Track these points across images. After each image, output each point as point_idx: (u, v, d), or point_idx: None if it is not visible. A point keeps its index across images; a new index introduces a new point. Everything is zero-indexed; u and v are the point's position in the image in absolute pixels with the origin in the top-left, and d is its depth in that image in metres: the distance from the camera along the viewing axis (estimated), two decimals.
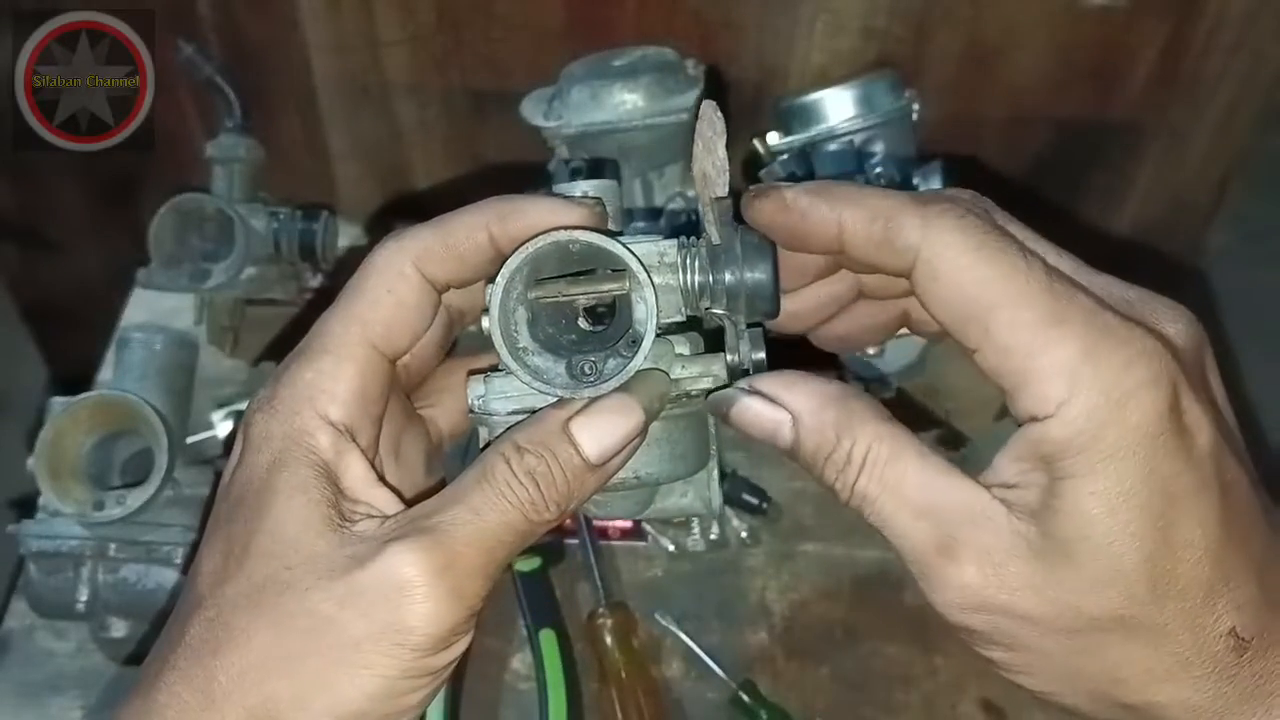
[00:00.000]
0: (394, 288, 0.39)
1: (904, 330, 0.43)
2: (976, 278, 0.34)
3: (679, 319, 0.42)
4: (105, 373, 0.77)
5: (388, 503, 0.39)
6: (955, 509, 0.35)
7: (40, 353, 1.20)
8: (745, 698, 0.66)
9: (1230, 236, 0.99)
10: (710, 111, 0.41)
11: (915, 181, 0.74)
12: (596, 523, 0.74)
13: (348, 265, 0.88)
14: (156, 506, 0.65)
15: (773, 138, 0.74)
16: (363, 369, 0.39)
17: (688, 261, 0.41)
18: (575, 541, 0.73)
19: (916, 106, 0.75)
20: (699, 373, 0.42)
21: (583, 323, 0.42)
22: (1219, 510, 0.32)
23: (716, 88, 0.72)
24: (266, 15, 0.84)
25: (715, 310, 0.41)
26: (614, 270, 0.40)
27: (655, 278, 0.40)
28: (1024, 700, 0.67)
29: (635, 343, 0.39)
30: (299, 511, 0.37)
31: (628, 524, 0.75)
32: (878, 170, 0.73)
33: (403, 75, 0.84)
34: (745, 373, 0.41)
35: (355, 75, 0.85)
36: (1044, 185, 0.91)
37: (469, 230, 0.40)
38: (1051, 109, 0.85)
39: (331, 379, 0.38)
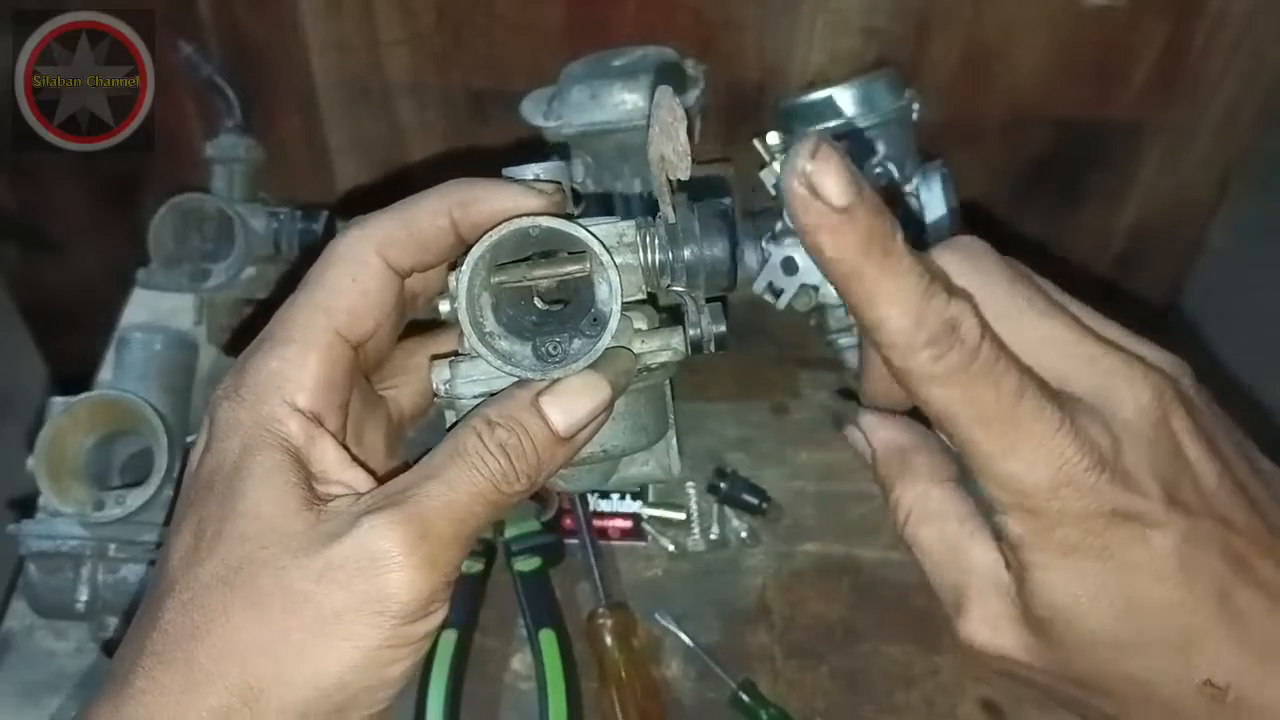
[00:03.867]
0: (357, 276, 0.40)
1: None
2: (946, 401, 0.36)
3: (640, 297, 0.43)
4: (105, 373, 0.77)
5: (360, 482, 0.39)
6: (971, 571, 0.39)
7: (40, 353, 1.20)
8: (745, 697, 0.66)
9: (1230, 236, 0.99)
10: (668, 99, 0.43)
11: (915, 181, 0.74)
12: (596, 522, 0.74)
13: None
14: (156, 506, 0.65)
15: (772, 138, 0.74)
16: (328, 357, 0.39)
17: (647, 241, 0.42)
18: (575, 541, 0.73)
19: (916, 106, 0.75)
20: (658, 346, 0.44)
21: (539, 303, 0.43)
22: (1177, 573, 0.34)
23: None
24: (267, 15, 0.84)
25: (675, 288, 0.43)
26: (573, 252, 0.41)
27: (616, 258, 0.41)
28: (1024, 700, 0.67)
29: (598, 322, 0.40)
30: (273, 493, 0.37)
31: (628, 524, 0.75)
32: (877, 170, 0.73)
33: (403, 75, 0.84)
34: (706, 347, 0.44)
35: (355, 75, 0.85)
36: (1044, 185, 0.91)
37: (431, 217, 0.41)
38: (1051, 109, 0.85)
39: (298, 367, 0.39)
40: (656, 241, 0.42)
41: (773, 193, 0.80)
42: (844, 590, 0.72)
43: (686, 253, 0.42)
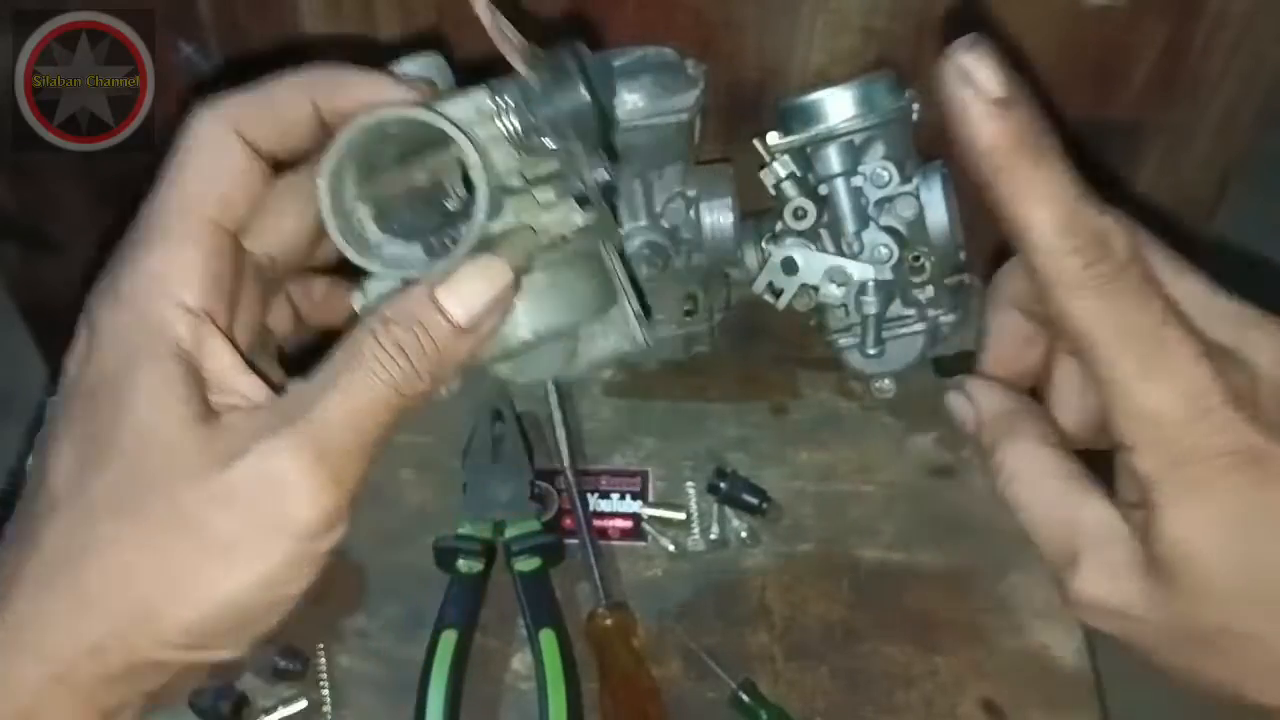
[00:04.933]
0: (219, 156, 0.38)
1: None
2: (1090, 313, 0.35)
3: (545, 171, 0.41)
4: None
5: (254, 389, 0.38)
6: (1083, 525, 0.38)
7: (40, 353, 1.20)
8: (745, 697, 0.66)
9: (1230, 236, 0.99)
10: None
11: (915, 181, 0.74)
12: (596, 522, 0.74)
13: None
14: None
15: (772, 138, 0.74)
16: (209, 248, 0.38)
17: (500, 105, 0.41)
18: (575, 541, 0.73)
19: (916, 107, 0.74)
20: (563, 217, 0.42)
21: (451, 204, 0.41)
22: None
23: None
24: (267, 15, 0.84)
25: (551, 144, 0.41)
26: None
27: (480, 131, 0.40)
28: (1025, 700, 0.67)
29: (467, 210, 0.39)
30: (163, 408, 0.36)
31: (628, 524, 0.75)
32: (876, 170, 0.73)
33: None
34: (593, 198, 0.42)
35: None
36: None
37: (290, 95, 0.39)
38: (1051, 109, 0.85)
39: (180, 264, 0.37)
40: (510, 103, 0.40)
41: (772, 193, 0.80)
42: (844, 590, 0.72)
43: (544, 109, 0.40)
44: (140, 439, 0.36)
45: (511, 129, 0.41)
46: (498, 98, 0.41)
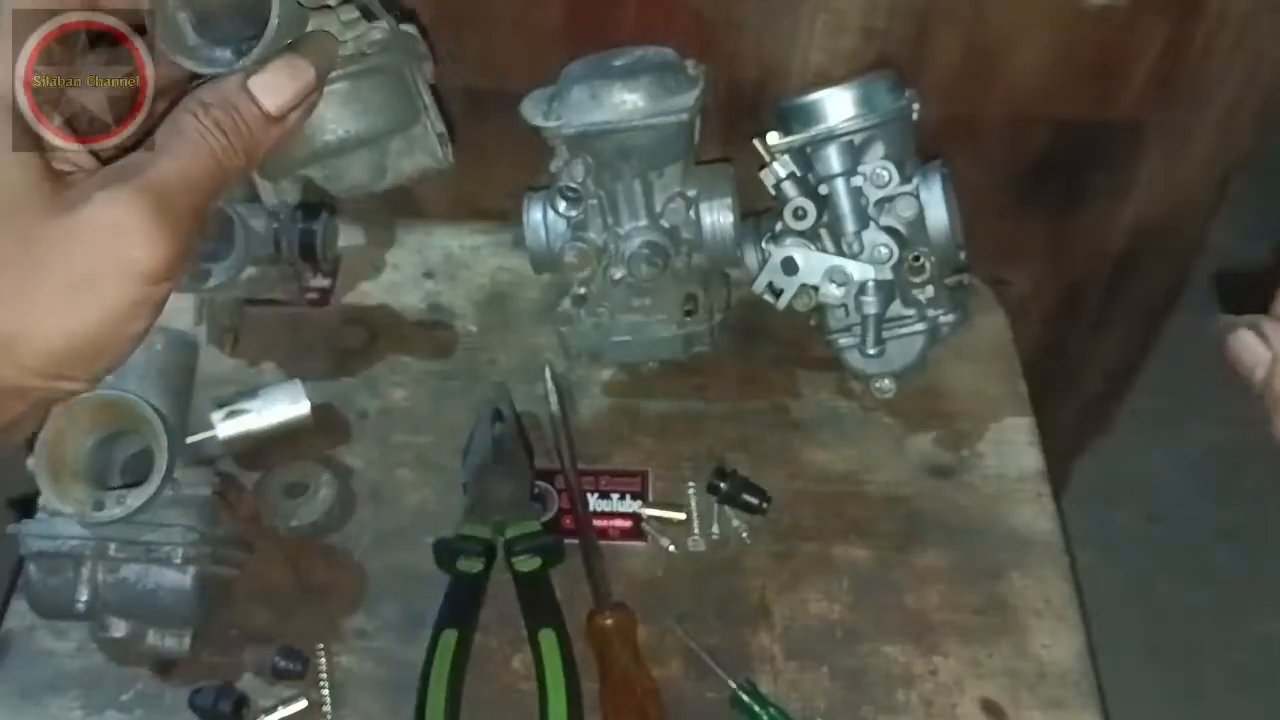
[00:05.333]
0: None
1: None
2: None
3: None
4: None
5: (85, 160, 0.43)
6: None
7: None
8: (745, 697, 0.66)
9: (1230, 236, 1.00)
10: None
11: (915, 181, 0.74)
12: (596, 522, 0.74)
13: (348, 265, 0.89)
14: (156, 506, 0.65)
15: (772, 138, 0.74)
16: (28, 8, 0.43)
17: None
18: (575, 541, 0.73)
19: (916, 106, 0.75)
20: (364, 30, 0.50)
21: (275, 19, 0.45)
22: None
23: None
24: None
25: None
26: None
27: None
28: (1024, 700, 0.67)
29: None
30: (11, 158, 0.40)
31: (628, 524, 0.75)
32: (876, 170, 0.73)
33: None
34: (372, 9, 0.50)
35: None
36: (1044, 185, 0.91)
37: None
38: (1052, 109, 0.85)
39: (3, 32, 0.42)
40: None
41: (772, 193, 0.80)
42: (844, 590, 0.72)
43: None
44: None
45: None
46: None
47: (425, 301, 0.88)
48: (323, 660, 0.68)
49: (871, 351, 0.76)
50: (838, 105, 0.72)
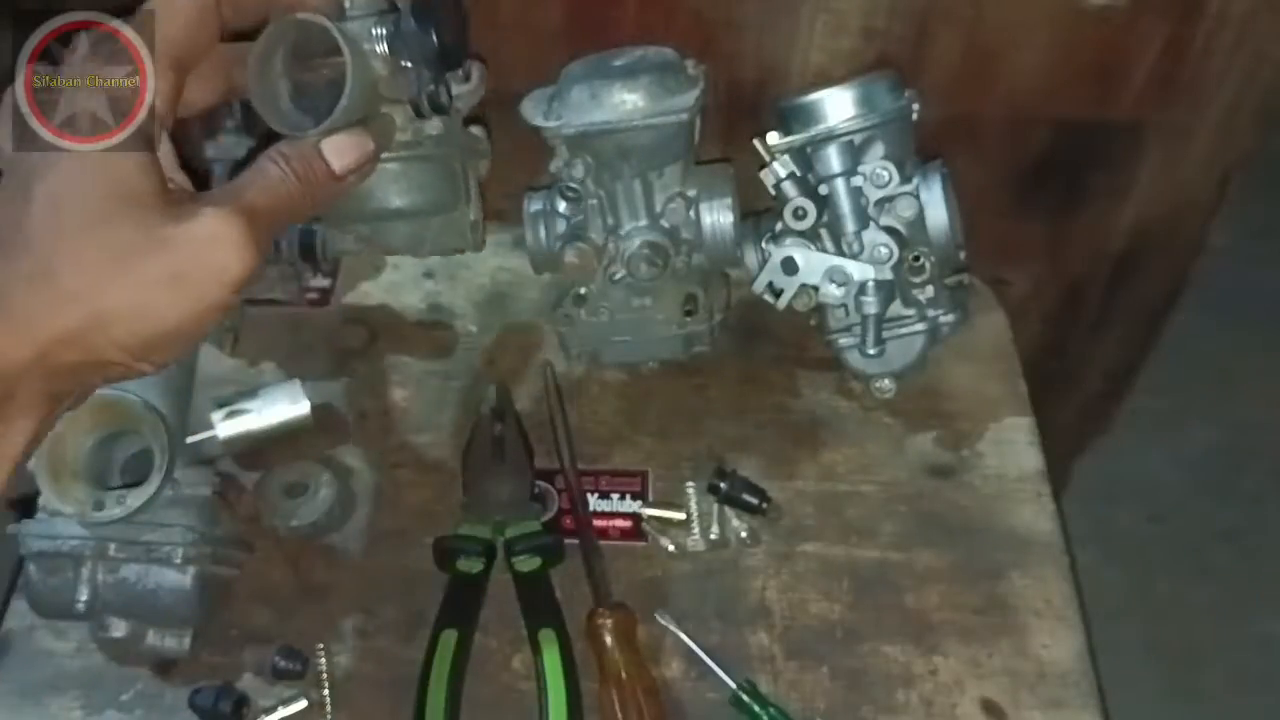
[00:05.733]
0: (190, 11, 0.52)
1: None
2: None
3: (432, 84, 0.59)
4: None
5: (188, 183, 0.52)
6: None
7: None
8: (745, 697, 0.66)
9: (1231, 236, 1.00)
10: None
11: (915, 182, 0.74)
12: (596, 522, 0.74)
13: (348, 267, 0.89)
14: (156, 506, 0.65)
15: (772, 138, 0.74)
16: (173, 71, 0.51)
17: (378, 31, 0.57)
18: (575, 541, 0.73)
19: (916, 106, 0.75)
20: (422, 123, 0.61)
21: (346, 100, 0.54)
22: None
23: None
24: None
25: (408, 65, 0.58)
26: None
27: (366, 46, 0.56)
28: (1024, 700, 0.67)
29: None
30: (140, 167, 0.48)
31: (628, 524, 0.75)
32: (876, 170, 0.73)
33: None
34: (423, 107, 0.59)
35: None
36: (1044, 186, 0.91)
37: None
38: (1052, 109, 0.85)
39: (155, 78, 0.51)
40: (384, 32, 0.57)
41: (772, 193, 0.80)
42: (844, 590, 0.72)
43: (404, 41, 0.57)
44: (119, 184, 0.47)
45: (382, 48, 0.57)
46: (377, 26, 0.57)
47: (425, 301, 0.88)
48: (323, 660, 0.68)
49: (871, 351, 0.76)
50: (838, 105, 0.72)
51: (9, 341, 0.45)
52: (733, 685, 0.66)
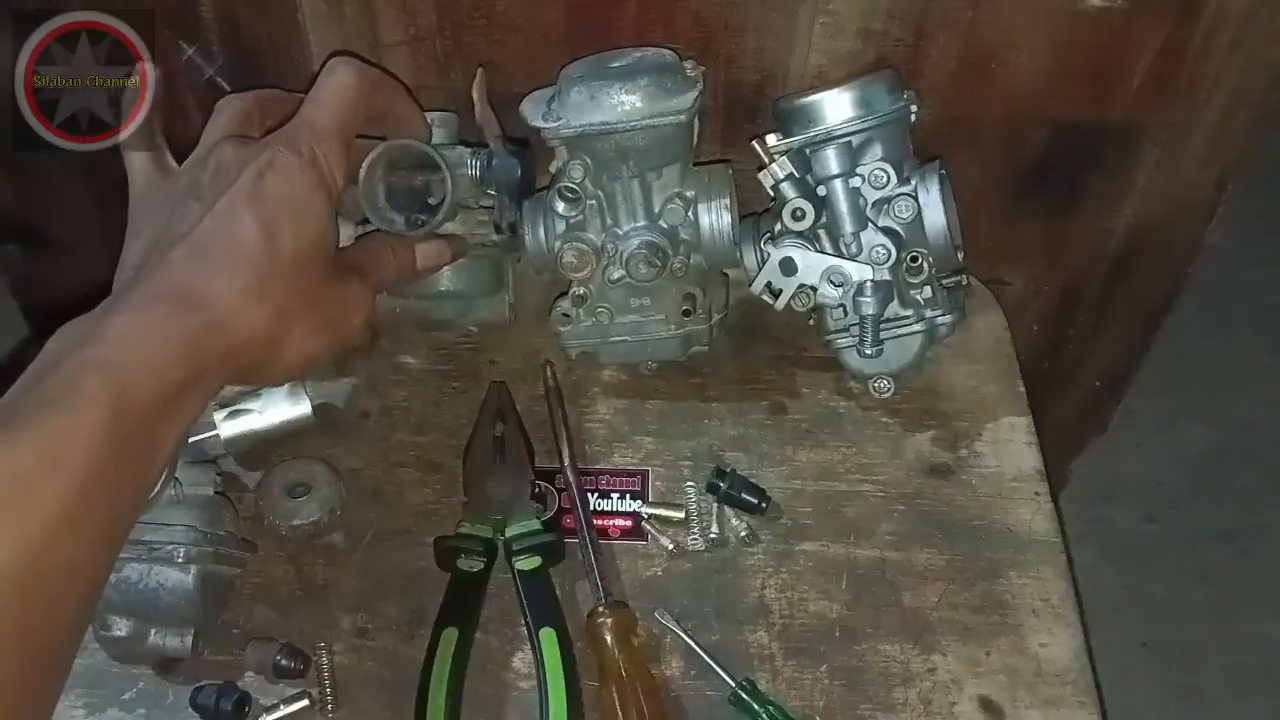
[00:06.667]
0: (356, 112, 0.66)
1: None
2: None
3: (489, 203, 0.75)
4: None
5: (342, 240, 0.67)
6: None
7: None
8: (745, 696, 0.66)
9: (1229, 237, 1.00)
10: (479, 78, 0.75)
11: (913, 183, 0.74)
12: (596, 522, 0.75)
13: None
14: (159, 506, 0.66)
15: (771, 139, 0.75)
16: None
17: (470, 162, 0.74)
18: (575, 541, 0.73)
19: (914, 108, 0.75)
20: (486, 233, 0.77)
21: (431, 200, 0.73)
22: None
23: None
24: (268, 17, 0.84)
25: (490, 191, 0.75)
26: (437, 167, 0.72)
27: (458, 171, 0.73)
28: (1023, 699, 0.67)
29: (440, 207, 0.72)
30: (328, 226, 0.62)
31: (628, 523, 0.75)
32: (874, 171, 0.73)
33: (404, 76, 0.84)
34: (503, 225, 0.76)
35: None
36: (1042, 186, 0.91)
37: (386, 96, 0.71)
38: (1049, 110, 0.86)
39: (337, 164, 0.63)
40: (479, 163, 0.74)
41: (771, 194, 0.81)
42: (842, 589, 0.72)
43: (492, 170, 0.74)
44: (323, 234, 0.61)
45: (474, 174, 0.74)
46: (472, 158, 0.74)
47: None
48: (324, 659, 0.69)
49: (869, 352, 0.76)
50: (836, 107, 0.73)
51: (213, 339, 0.54)
52: (732, 684, 0.67)
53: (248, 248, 0.57)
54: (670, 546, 0.74)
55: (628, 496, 0.77)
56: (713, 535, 0.75)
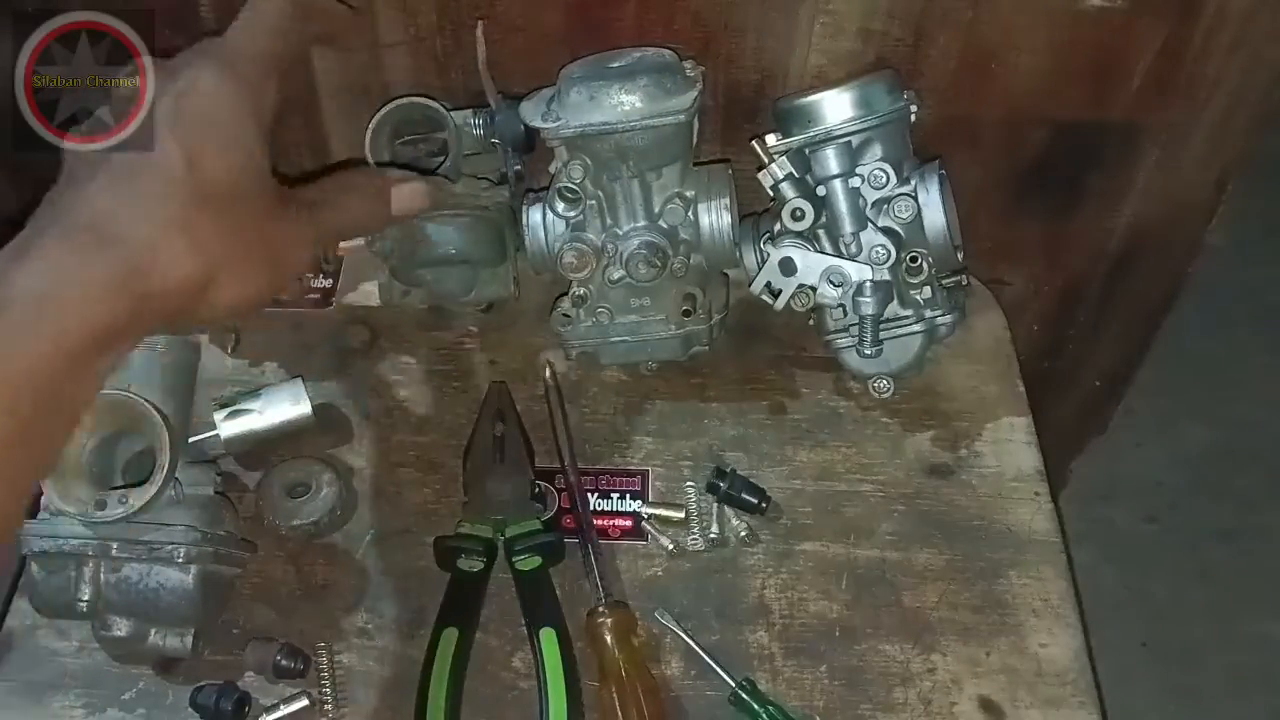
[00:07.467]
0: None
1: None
2: None
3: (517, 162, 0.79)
4: None
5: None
6: None
7: None
8: (745, 696, 0.66)
9: (1229, 237, 1.00)
10: (480, 34, 0.74)
11: (913, 182, 0.74)
12: (596, 522, 0.75)
13: (349, 267, 0.89)
14: (158, 506, 0.66)
15: (771, 139, 0.75)
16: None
17: (475, 120, 0.79)
18: (575, 541, 0.73)
19: (914, 108, 0.75)
20: (493, 192, 0.80)
21: (436, 157, 0.80)
22: None
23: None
24: None
25: (494, 141, 0.79)
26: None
27: (464, 127, 0.79)
28: (1022, 699, 0.67)
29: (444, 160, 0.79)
30: (261, 150, 0.56)
31: (628, 523, 0.75)
32: (874, 171, 0.73)
33: (404, 77, 0.84)
34: (512, 182, 0.80)
35: (356, 77, 0.86)
36: (1042, 186, 0.91)
37: None
38: (1049, 110, 0.86)
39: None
40: (482, 120, 0.79)
41: (770, 194, 0.81)
42: (842, 589, 0.72)
43: (494, 123, 0.77)
44: (257, 170, 0.55)
45: (480, 131, 0.79)
46: (474, 115, 0.79)
47: (426, 301, 0.88)
48: (324, 659, 0.69)
49: (869, 352, 0.76)
50: (836, 107, 0.73)
51: (138, 280, 0.49)
52: (732, 683, 0.67)
53: (169, 176, 0.52)
54: (670, 546, 0.74)
55: (628, 496, 0.77)
56: (713, 535, 0.75)
